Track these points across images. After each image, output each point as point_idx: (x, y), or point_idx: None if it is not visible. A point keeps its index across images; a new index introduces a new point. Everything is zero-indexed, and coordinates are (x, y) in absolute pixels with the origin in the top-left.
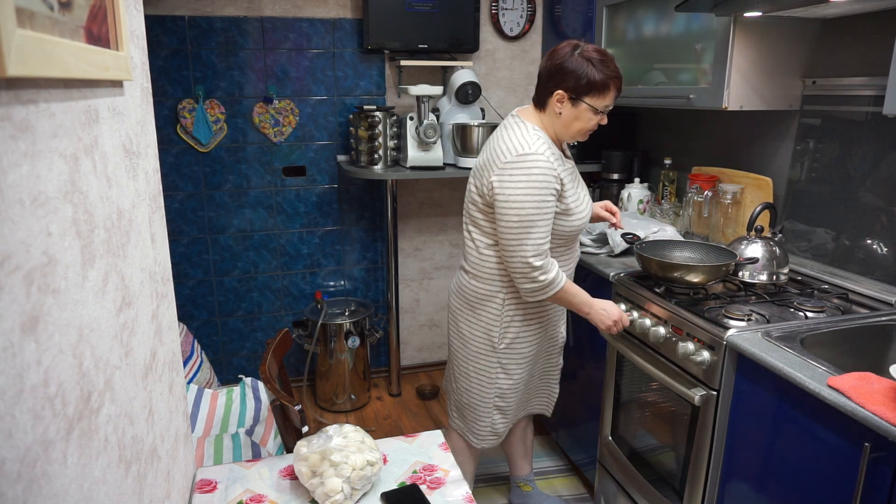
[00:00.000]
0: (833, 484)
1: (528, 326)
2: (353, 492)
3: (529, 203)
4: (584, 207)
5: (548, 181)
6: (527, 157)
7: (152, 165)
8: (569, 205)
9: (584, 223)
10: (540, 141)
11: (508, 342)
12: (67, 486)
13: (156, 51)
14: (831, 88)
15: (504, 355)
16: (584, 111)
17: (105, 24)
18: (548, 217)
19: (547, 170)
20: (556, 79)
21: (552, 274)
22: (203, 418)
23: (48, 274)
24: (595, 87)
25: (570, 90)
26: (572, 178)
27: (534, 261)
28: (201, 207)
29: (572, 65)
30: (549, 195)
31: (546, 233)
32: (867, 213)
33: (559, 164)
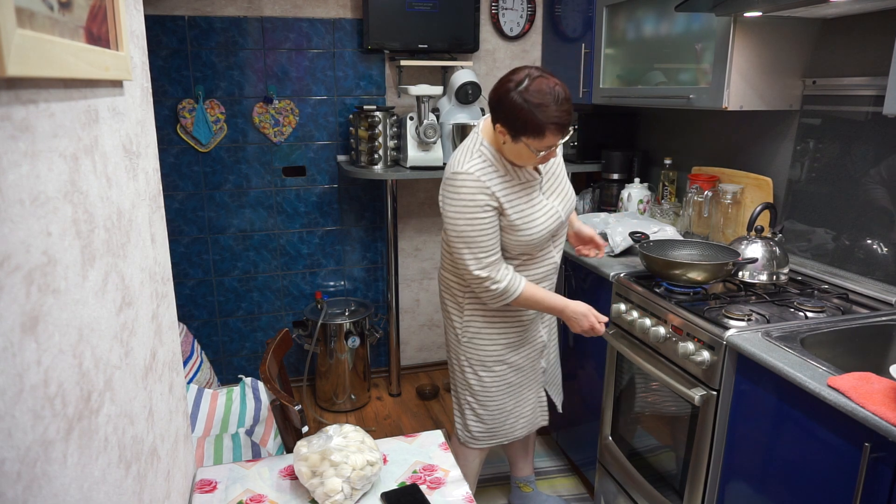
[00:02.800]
0: (833, 484)
1: (491, 324)
2: (353, 492)
3: (462, 221)
4: (536, 224)
5: (475, 200)
6: (457, 176)
7: (152, 165)
8: (513, 221)
9: (538, 238)
10: (475, 160)
11: (470, 337)
12: (67, 486)
13: (156, 51)
14: (831, 88)
15: (467, 350)
16: (524, 148)
17: (105, 24)
18: (486, 233)
19: (474, 189)
20: (495, 112)
21: (504, 283)
22: (203, 418)
23: (48, 274)
24: (529, 131)
25: (508, 129)
26: (520, 194)
27: (479, 273)
28: (201, 207)
29: (508, 104)
30: (482, 212)
31: (489, 248)
32: (867, 213)
33: (498, 181)
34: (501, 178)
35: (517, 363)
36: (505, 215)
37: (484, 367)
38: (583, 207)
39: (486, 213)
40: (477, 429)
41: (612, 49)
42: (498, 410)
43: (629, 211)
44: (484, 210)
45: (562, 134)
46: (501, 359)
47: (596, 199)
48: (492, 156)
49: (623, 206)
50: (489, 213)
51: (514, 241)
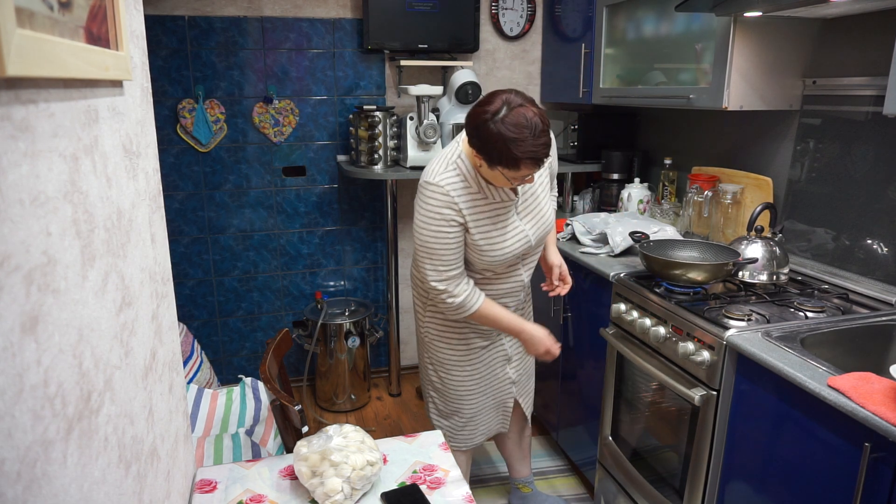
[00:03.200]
0: (833, 484)
1: (449, 328)
2: (353, 492)
3: (426, 231)
4: (500, 247)
5: (442, 213)
6: (428, 186)
7: (152, 165)
8: (476, 241)
9: (501, 260)
10: (449, 173)
11: (430, 339)
12: (67, 486)
13: (156, 51)
14: (831, 88)
15: (429, 349)
16: (499, 175)
17: (105, 24)
18: (449, 247)
19: (442, 204)
20: (471, 138)
21: (460, 298)
22: (203, 418)
23: (48, 274)
24: (504, 162)
25: (483, 156)
26: (488, 214)
27: (437, 285)
28: (201, 207)
29: (485, 133)
30: (447, 226)
31: (450, 261)
32: (867, 213)
33: (467, 198)
34: (472, 195)
35: (477, 371)
36: (469, 234)
37: (444, 370)
38: (583, 207)
39: (451, 228)
40: (439, 425)
41: (612, 49)
42: (457, 415)
43: (629, 211)
44: (449, 224)
45: (538, 166)
46: (458, 363)
47: (596, 199)
48: (466, 171)
49: (623, 206)
50: (454, 228)
51: (477, 259)
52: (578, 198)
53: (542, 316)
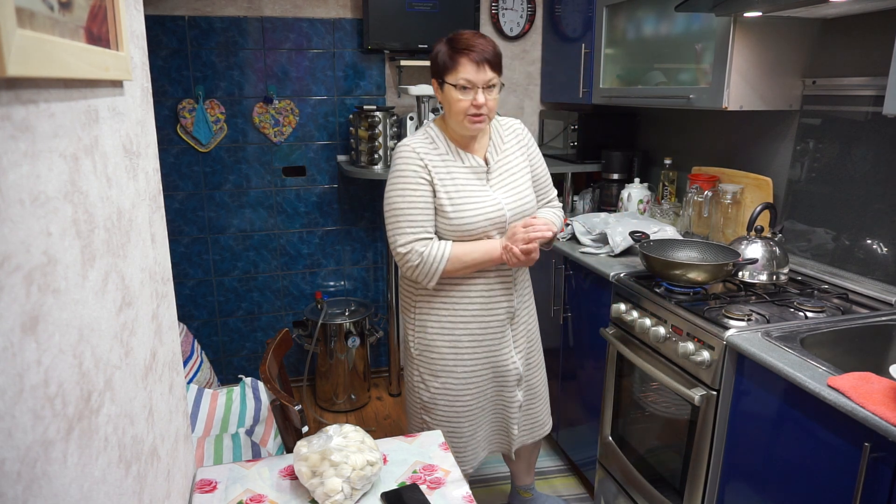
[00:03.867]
0: (833, 484)
1: (439, 337)
2: (353, 492)
3: (394, 193)
4: (467, 210)
5: (408, 169)
6: (397, 148)
7: (152, 165)
8: (442, 203)
9: (470, 227)
10: (418, 136)
11: (422, 349)
12: (67, 486)
13: (156, 51)
14: (831, 88)
15: (420, 363)
16: (449, 93)
17: (105, 24)
18: (417, 207)
19: (409, 160)
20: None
21: (426, 251)
22: (203, 418)
23: (48, 274)
24: (446, 65)
25: (435, 77)
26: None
27: (402, 249)
28: (201, 207)
29: (434, 52)
30: (413, 183)
31: (417, 222)
32: (867, 213)
33: (436, 157)
34: (441, 155)
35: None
36: (436, 196)
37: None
38: (583, 207)
39: (419, 186)
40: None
41: (612, 49)
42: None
43: (629, 211)
44: (416, 182)
45: (476, 66)
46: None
47: (596, 199)
48: (435, 135)
49: (623, 206)
50: (421, 185)
51: (446, 225)
52: (578, 198)
53: (541, 316)
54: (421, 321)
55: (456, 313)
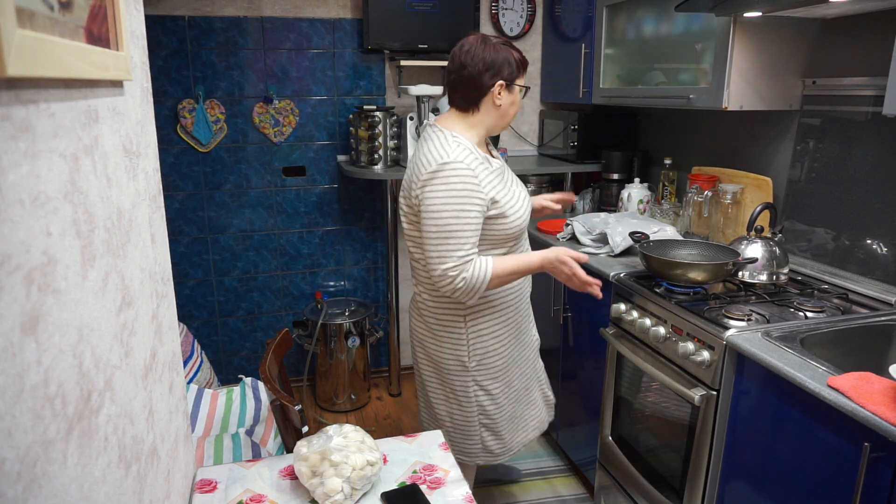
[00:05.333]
0: (833, 484)
1: (496, 339)
2: (353, 492)
3: (449, 212)
4: (521, 206)
5: (467, 189)
6: (446, 165)
7: (152, 165)
8: (503, 208)
9: (522, 222)
10: (460, 148)
11: (479, 359)
12: (67, 486)
13: (156, 51)
14: (831, 88)
15: (477, 373)
16: (516, 94)
17: (105, 24)
18: (470, 227)
19: (467, 178)
20: (490, 72)
21: (469, 272)
22: (203, 418)
23: (48, 274)
24: (520, 70)
25: (506, 78)
26: (501, 178)
27: (448, 270)
28: (201, 207)
29: (500, 56)
30: (471, 204)
31: (469, 244)
32: (867, 213)
33: (483, 167)
34: (482, 164)
35: (521, 368)
36: (496, 203)
37: (495, 381)
38: (583, 207)
39: (475, 206)
40: (497, 446)
41: (612, 49)
42: (511, 418)
43: (629, 211)
44: (473, 202)
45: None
46: (508, 368)
47: (596, 199)
48: (468, 144)
49: (623, 206)
50: (477, 206)
51: (506, 229)
52: (578, 198)
53: (542, 316)
54: (475, 331)
55: (504, 314)
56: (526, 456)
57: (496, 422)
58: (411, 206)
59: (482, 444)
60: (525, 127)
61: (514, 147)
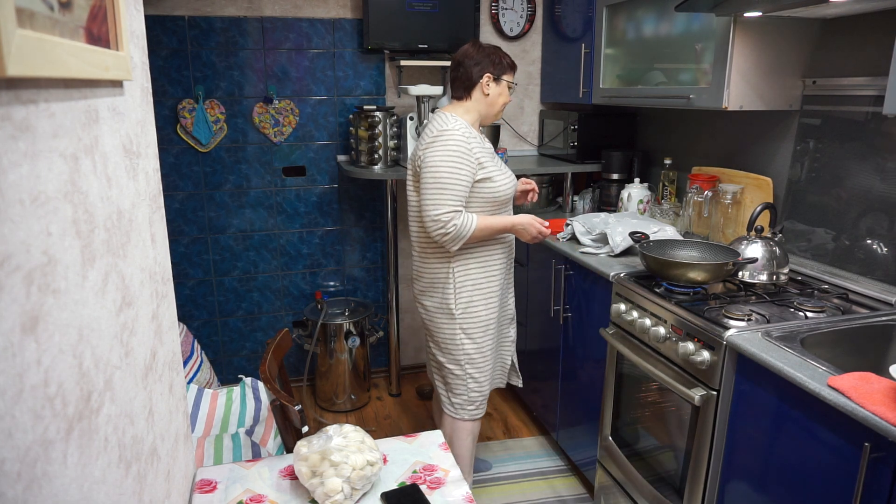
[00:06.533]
0: (833, 484)
1: (479, 291)
2: (353, 492)
3: (444, 167)
4: (506, 176)
5: (460, 151)
6: (445, 132)
7: (152, 165)
8: (490, 173)
9: (508, 190)
10: (457, 123)
11: (464, 307)
12: (67, 486)
13: (156, 51)
14: (831, 88)
15: (463, 320)
16: (503, 87)
17: (105, 24)
18: (461, 183)
19: (461, 142)
20: (479, 66)
21: (459, 220)
22: (203, 418)
23: (48, 274)
24: (510, 67)
25: (493, 72)
26: (491, 155)
27: (440, 215)
28: (201, 207)
29: (488, 55)
30: (463, 164)
31: (458, 197)
32: (867, 213)
33: (476, 141)
34: (476, 140)
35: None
36: (483, 168)
37: (478, 329)
38: (583, 207)
39: (466, 166)
40: (478, 395)
41: (612, 49)
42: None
43: (629, 211)
44: (465, 162)
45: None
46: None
47: (596, 199)
48: (467, 123)
49: (623, 206)
50: (469, 167)
51: (490, 193)
52: (578, 198)
53: (542, 316)
54: (460, 283)
55: (486, 269)
56: (526, 456)
57: (481, 371)
58: (416, 173)
59: (467, 396)
60: (525, 127)
61: (515, 147)
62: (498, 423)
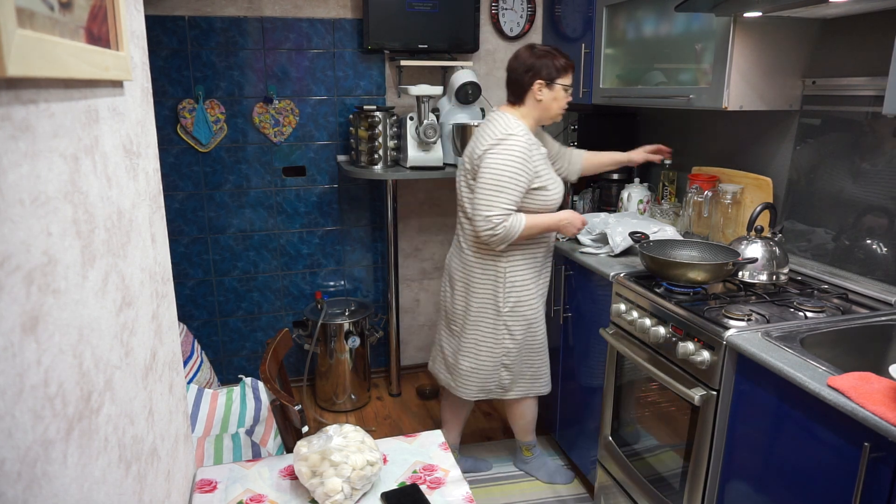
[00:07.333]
0: (833, 484)
1: (526, 289)
2: (353, 492)
3: (506, 171)
4: (559, 187)
5: (522, 158)
6: (511, 136)
7: (152, 165)
8: (544, 183)
9: (559, 199)
10: (521, 128)
11: (512, 305)
12: (67, 486)
13: (156, 51)
14: (831, 88)
15: (509, 318)
16: (558, 92)
17: (105, 24)
18: (518, 188)
19: (524, 149)
20: (530, 73)
21: (510, 220)
22: (203, 418)
23: (48, 274)
24: (564, 70)
25: (544, 78)
26: (545, 163)
27: (493, 216)
28: (201, 207)
29: (539, 60)
30: (523, 171)
31: (513, 201)
32: (867, 213)
33: (535, 148)
34: (533, 145)
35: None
36: (539, 177)
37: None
38: (583, 207)
39: (526, 174)
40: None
41: (612, 49)
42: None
43: (629, 211)
44: (525, 169)
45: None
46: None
47: (596, 199)
48: (527, 129)
49: (623, 206)
50: (527, 174)
51: (543, 201)
52: (578, 198)
53: None
54: (511, 281)
55: (533, 269)
56: None
57: (514, 361)
58: (472, 170)
59: (499, 381)
60: None
61: None
62: (498, 423)
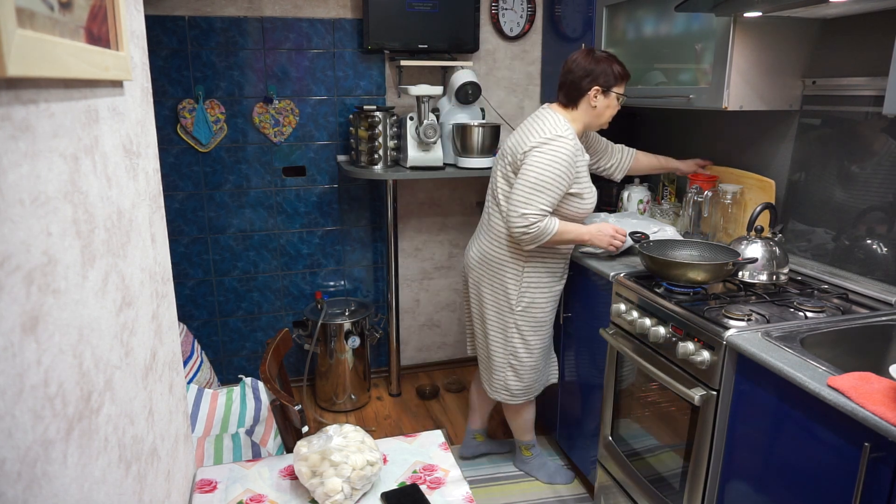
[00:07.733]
0: (833, 484)
1: (542, 294)
2: (353, 492)
3: (549, 172)
4: (592, 197)
5: (569, 162)
6: (560, 138)
7: (152, 165)
8: (581, 190)
9: (591, 209)
10: (569, 132)
11: (525, 306)
12: (67, 486)
13: (156, 51)
14: (831, 88)
15: (520, 317)
16: (612, 99)
17: (105, 24)
18: (558, 190)
19: (570, 154)
20: (588, 78)
21: (544, 222)
22: (203, 418)
23: (48, 274)
24: (619, 78)
25: (602, 85)
26: (586, 171)
27: (531, 215)
28: (201, 207)
29: (599, 66)
30: (566, 174)
31: (551, 203)
32: (867, 213)
33: (580, 153)
34: (579, 150)
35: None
36: (578, 182)
37: (532, 330)
38: None
39: (567, 178)
40: (517, 388)
41: (612, 49)
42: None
43: (629, 211)
44: (567, 173)
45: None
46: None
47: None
48: (575, 133)
49: (623, 206)
50: (568, 178)
51: (577, 209)
52: None
53: None
54: (528, 280)
55: (552, 275)
56: None
57: (524, 365)
58: (513, 164)
59: (504, 383)
60: None
61: None
62: (498, 423)
